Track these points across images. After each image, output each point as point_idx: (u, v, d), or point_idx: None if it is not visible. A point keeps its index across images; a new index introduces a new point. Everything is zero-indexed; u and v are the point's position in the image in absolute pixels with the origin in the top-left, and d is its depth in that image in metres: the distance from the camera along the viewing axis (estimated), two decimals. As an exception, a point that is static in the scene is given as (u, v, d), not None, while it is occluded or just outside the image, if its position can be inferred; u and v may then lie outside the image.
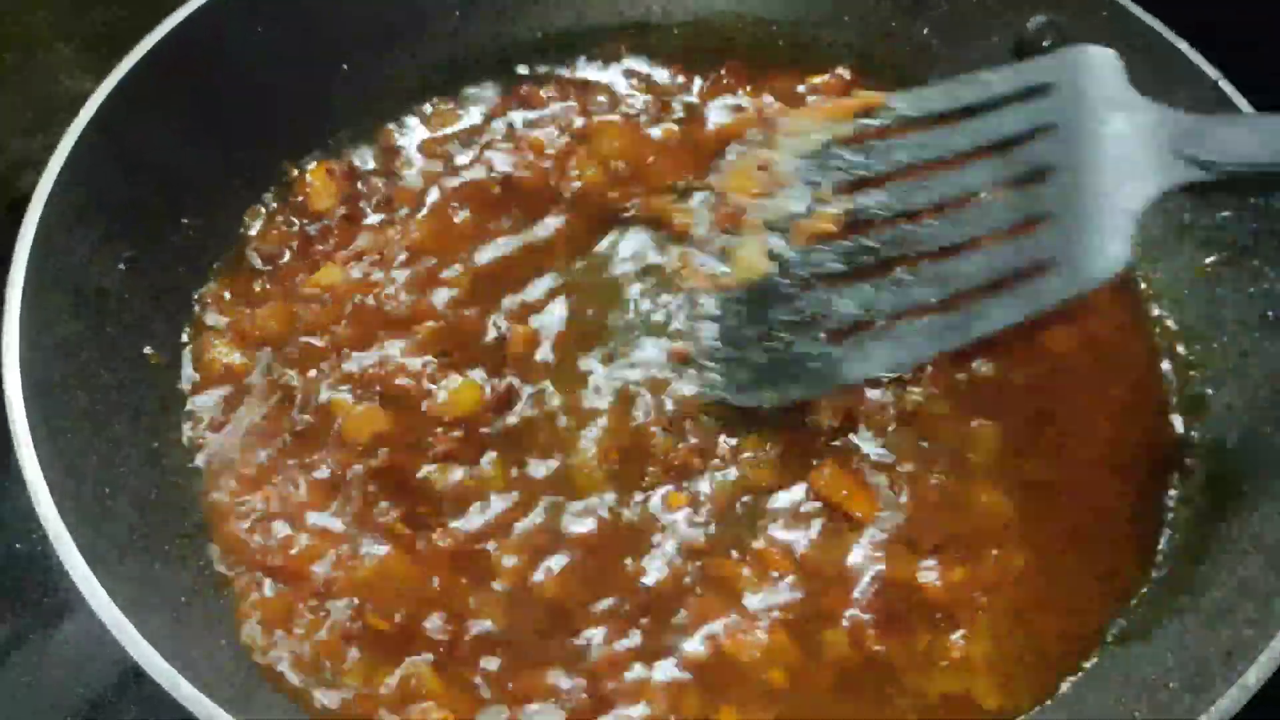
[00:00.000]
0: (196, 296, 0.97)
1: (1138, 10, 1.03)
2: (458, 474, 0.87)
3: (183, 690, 0.68)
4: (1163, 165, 0.84)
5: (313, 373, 0.92)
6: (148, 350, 0.91)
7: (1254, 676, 0.72)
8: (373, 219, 1.02)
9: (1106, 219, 0.84)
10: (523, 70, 1.14)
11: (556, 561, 0.84)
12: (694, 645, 0.81)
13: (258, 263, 1.00)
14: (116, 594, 0.71)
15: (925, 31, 1.15)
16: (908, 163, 0.91)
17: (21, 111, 1.17)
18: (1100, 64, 0.90)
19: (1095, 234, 0.84)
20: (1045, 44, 1.08)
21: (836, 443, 0.90)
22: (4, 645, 0.93)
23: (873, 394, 0.91)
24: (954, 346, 0.88)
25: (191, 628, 0.78)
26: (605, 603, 0.82)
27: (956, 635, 0.83)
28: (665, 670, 0.80)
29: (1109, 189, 0.85)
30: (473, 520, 0.85)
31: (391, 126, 1.09)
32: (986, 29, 1.11)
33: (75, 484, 0.77)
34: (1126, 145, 0.86)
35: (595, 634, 0.81)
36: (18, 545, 0.97)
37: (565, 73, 1.14)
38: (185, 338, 0.95)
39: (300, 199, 1.03)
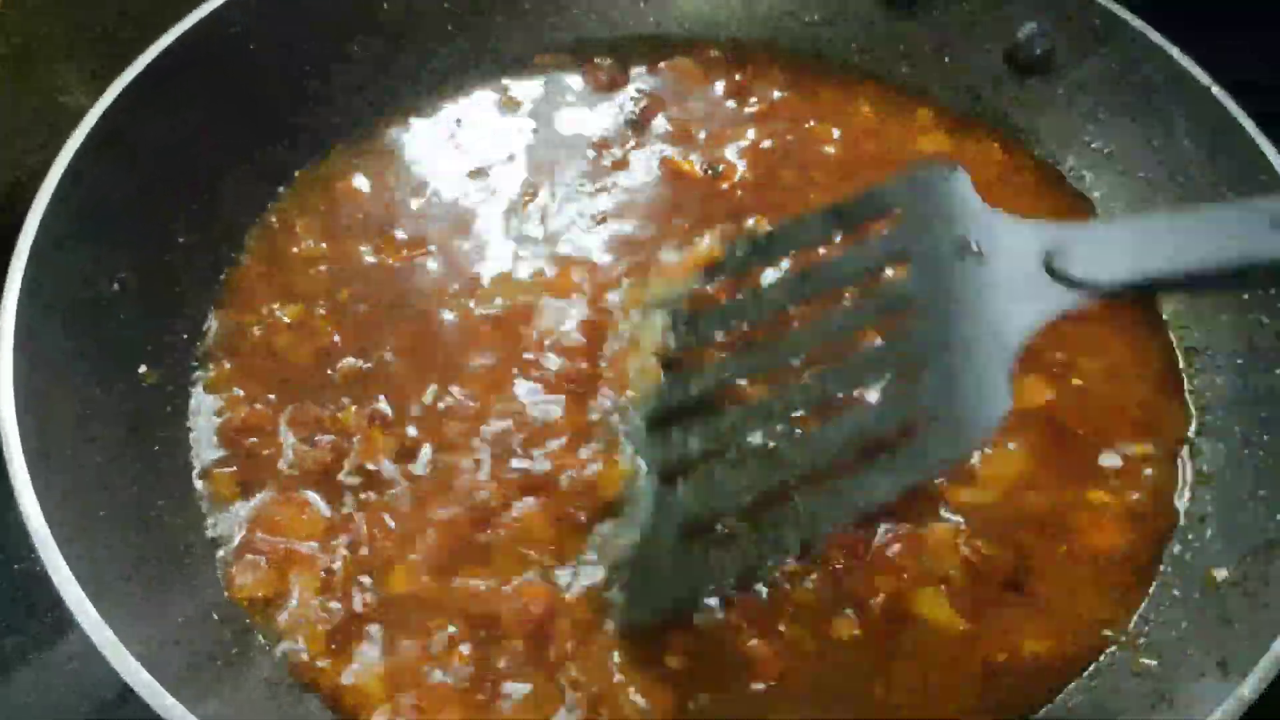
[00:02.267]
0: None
1: (1129, 16, 1.03)
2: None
3: (172, 711, 0.68)
4: (1037, 291, 0.73)
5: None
6: (142, 369, 0.91)
7: (1250, 687, 0.72)
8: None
9: (982, 362, 0.72)
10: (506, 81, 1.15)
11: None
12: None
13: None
14: (109, 614, 0.71)
15: (918, 40, 1.15)
16: (754, 321, 0.85)
17: (20, 124, 1.18)
18: (950, 182, 0.80)
19: (972, 382, 0.72)
20: (1037, 52, 1.08)
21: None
22: (6, 662, 0.93)
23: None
24: (834, 529, 0.81)
25: (185, 646, 0.78)
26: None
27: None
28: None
29: (981, 325, 0.74)
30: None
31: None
32: (979, 37, 1.12)
33: (68, 504, 0.76)
34: (993, 270, 0.75)
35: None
36: (16, 565, 0.97)
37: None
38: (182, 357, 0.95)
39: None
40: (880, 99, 1.14)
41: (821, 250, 0.92)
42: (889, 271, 0.84)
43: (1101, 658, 0.83)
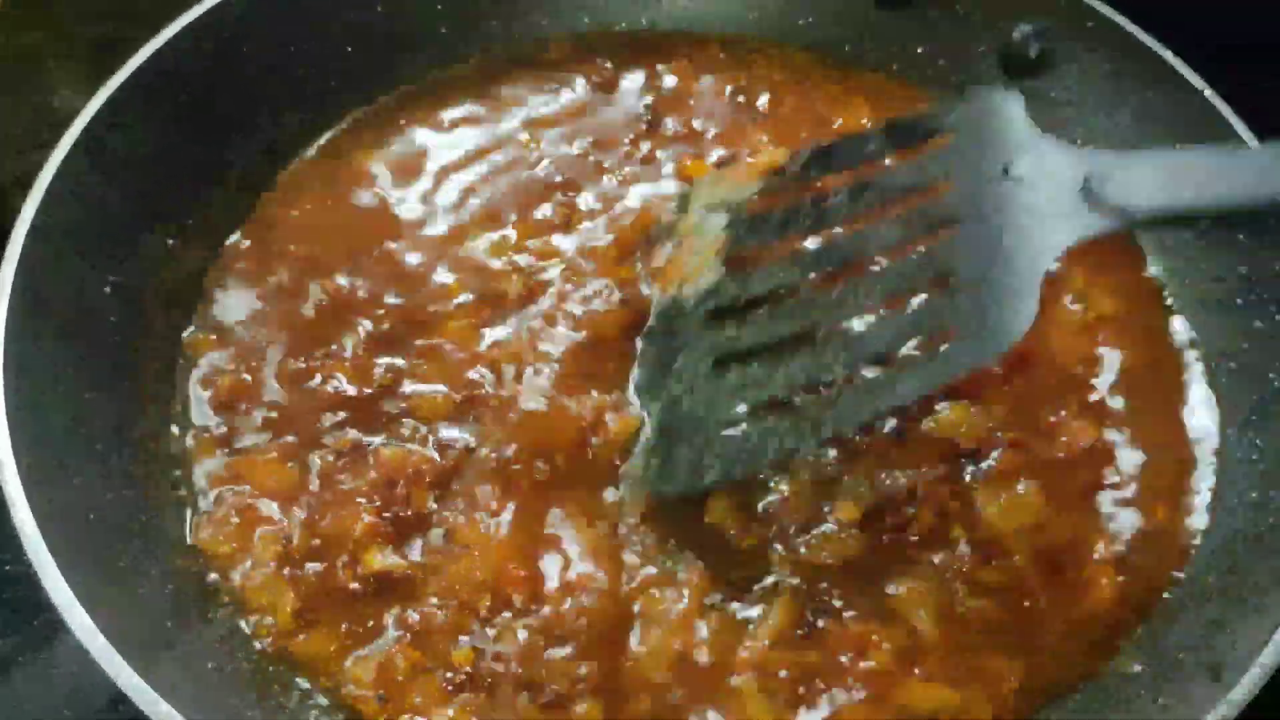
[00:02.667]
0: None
1: (1123, 20, 1.03)
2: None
3: (166, 715, 0.68)
4: (1072, 214, 0.80)
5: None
6: (136, 374, 0.91)
7: (1242, 691, 0.72)
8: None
9: (1014, 277, 0.79)
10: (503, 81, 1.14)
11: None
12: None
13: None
14: (100, 619, 0.71)
15: (912, 41, 1.15)
16: (808, 227, 0.89)
17: (18, 126, 1.18)
18: (1002, 108, 0.86)
19: (1002, 294, 0.79)
20: (1031, 54, 1.09)
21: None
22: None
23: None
24: (864, 422, 0.86)
25: (176, 652, 0.78)
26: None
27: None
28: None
29: (1016, 243, 0.80)
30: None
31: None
32: (973, 38, 1.12)
33: (61, 508, 0.77)
34: (1033, 193, 0.81)
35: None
36: (8, 568, 0.97)
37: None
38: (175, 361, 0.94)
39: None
40: (876, 99, 1.14)
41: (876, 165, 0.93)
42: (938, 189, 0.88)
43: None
